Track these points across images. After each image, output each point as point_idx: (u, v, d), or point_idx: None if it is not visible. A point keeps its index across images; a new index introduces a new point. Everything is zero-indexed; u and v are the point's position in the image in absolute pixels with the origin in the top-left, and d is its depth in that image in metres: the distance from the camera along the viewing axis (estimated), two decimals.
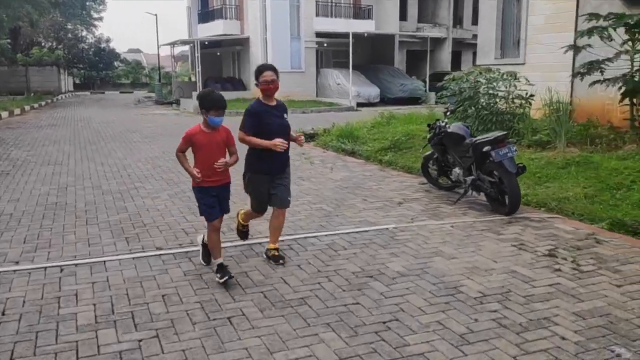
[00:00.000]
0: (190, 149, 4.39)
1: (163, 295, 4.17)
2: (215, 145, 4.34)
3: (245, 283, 4.41)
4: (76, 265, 4.85)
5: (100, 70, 58.97)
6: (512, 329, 3.56)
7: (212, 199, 4.40)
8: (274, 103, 4.80)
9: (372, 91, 27.48)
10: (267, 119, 4.68)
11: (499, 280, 4.40)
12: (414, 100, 26.35)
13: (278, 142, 4.54)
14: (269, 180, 4.78)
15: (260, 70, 4.72)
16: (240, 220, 5.19)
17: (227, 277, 4.31)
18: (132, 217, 6.48)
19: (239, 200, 6.39)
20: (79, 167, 10.03)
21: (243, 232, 5.27)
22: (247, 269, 4.71)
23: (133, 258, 5.03)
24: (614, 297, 4.02)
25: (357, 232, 5.76)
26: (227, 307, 3.95)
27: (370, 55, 32.73)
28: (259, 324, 3.68)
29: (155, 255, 5.11)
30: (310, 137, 13.32)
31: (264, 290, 4.24)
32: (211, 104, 4.23)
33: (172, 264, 4.88)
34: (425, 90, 28.07)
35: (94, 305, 4.01)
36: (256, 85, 4.75)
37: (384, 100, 27.37)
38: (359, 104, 25.91)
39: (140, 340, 3.48)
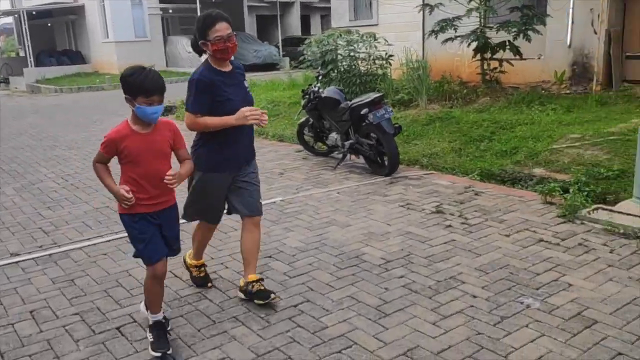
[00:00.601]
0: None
1: (31, 312, 3.52)
2: (156, 152, 2.97)
3: (129, 283, 3.88)
4: None
5: None
6: (424, 294, 3.51)
7: (151, 230, 2.98)
8: (229, 68, 3.40)
9: None
10: (225, 91, 3.31)
11: (397, 244, 4.36)
12: (269, 66, 26.00)
13: (247, 112, 3.21)
14: (229, 180, 3.50)
15: (212, 21, 3.21)
16: (192, 262, 3.82)
17: (163, 351, 2.94)
18: None
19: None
20: None
21: (201, 278, 3.79)
22: (129, 266, 4.16)
23: None
24: (507, 248, 4.16)
25: None
26: (113, 316, 3.43)
27: None
28: None
29: (12, 263, 4.34)
30: (168, 110, 12.46)
31: None
32: (139, 87, 2.78)
33: (35, 271, 4.17)
34: (280, 56, 27.84)
35: None
36: (201, 46, 3.29)
37: None
38: None
39: None
